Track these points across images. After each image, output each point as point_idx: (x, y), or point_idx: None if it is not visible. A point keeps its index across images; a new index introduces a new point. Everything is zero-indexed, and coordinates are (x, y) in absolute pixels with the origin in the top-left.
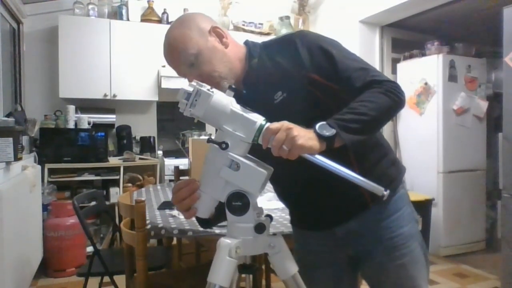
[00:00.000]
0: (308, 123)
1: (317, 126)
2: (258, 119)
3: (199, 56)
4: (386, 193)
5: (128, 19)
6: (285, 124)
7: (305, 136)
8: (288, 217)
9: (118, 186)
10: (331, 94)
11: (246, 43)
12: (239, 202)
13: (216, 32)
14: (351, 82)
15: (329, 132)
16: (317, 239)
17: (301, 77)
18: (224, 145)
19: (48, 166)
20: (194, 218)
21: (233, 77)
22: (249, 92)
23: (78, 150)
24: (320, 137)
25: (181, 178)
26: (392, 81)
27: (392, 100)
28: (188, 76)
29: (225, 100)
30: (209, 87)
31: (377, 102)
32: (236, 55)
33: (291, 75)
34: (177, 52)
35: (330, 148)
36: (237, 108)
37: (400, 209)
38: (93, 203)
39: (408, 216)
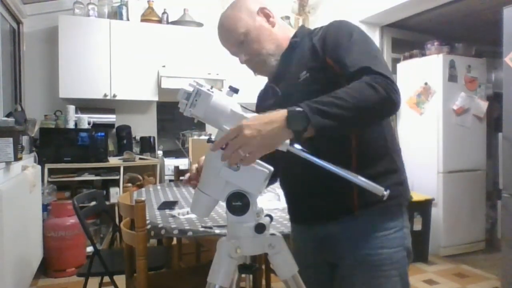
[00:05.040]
0: None
1: (288, 116)
2: None
3: (247, 35)
4: (386, 193)
5: (128, 19)
6: (243, 129)
7: (261, 137)
8: (288, 217)
9: (118, 186)
10: (339, 79)
11: (301, 27)
12: (239, 202)
13: (264, 12)
14: (347, 66)
15: (298, 125)
16: (302, 238)
17: (321, 59)
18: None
19: (48, 166)
20: (193, 218)
21: (280, 54)
22: (282, 69)
23: (78, 150)
24: (289, 128)
25: (181, 178)
26: (386, 76)
27: (378, 94)
28: (238, 55)
29: (225, 100)
30: (209, 87)
31: (360, 92)
32: (283, 33)
33: (315, 56)
34: (228, 32)
35: (299, 140)
36: (237, 108)
37: (388, 229)
38: (93, 203)
39: (396, 240)
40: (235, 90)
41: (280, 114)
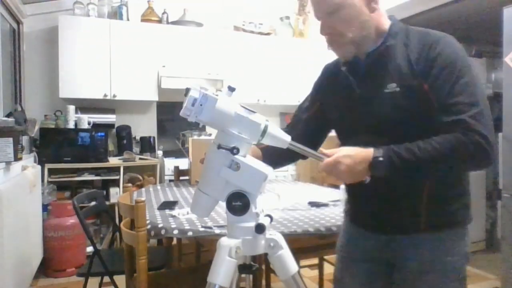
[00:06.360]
0: (406, 123)
1: (372, 164)
2: (261, 120)
3: (339, 10)
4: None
5: (128, 19)
6: (339, 164)
7: (351, 172)
8: (288, 217)
9: (118, 186)
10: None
11: (391, 19)
12: (239, 202)
13: None
14: (443, 112)
15: (377, 173)
16: (364, 235)
17: (418, 80)
18: (235, 151)
19: (48, 166)
20: (193, 218)
21: (364, 45)
22: (367, 68)
23: (78, 150)
24: (370, 171)
25: (181, 178)
26: (484, 136)
27: (467, 163)
28: (321, 23)
29: (229, 103)
30: (214, 90)
31: (447, 156)
32: (378, 24)
33: (412, 75)
34: None
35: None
36: (241, 110)
37: (452, 239)
38: (93, 203)
39: (460, 249)
40: (232, 89)
41: (367, 158)
